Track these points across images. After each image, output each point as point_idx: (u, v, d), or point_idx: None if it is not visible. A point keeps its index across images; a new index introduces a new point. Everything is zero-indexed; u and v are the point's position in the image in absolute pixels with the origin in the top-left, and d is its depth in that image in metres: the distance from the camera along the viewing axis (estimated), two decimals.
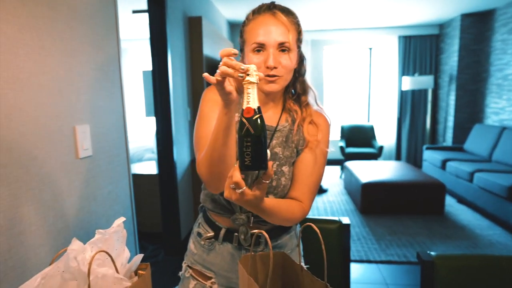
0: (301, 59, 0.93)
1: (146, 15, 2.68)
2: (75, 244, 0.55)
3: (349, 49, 6.33)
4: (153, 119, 2.88)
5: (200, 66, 3.26)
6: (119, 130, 1.54)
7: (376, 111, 6.37)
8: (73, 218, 1.21)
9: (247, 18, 0.88)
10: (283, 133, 0.94)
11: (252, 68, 0.59)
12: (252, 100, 0.59)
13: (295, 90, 0.97)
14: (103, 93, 1.41)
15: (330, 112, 0.94)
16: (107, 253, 0.57)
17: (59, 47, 1.14)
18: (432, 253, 1.07)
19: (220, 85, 0.62)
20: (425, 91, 5.86)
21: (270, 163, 0.63)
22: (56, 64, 1.13)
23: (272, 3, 0.87)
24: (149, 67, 2.82)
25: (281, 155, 0.91)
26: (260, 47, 0.82)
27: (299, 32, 0.89)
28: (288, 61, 0.84)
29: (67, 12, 1.19)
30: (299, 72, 0.95)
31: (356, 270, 2.63)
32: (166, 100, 2.72)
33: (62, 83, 1.15)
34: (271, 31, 0.82)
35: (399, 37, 5.87)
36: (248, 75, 0.59)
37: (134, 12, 3.36)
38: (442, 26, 5.75)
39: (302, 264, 0.76)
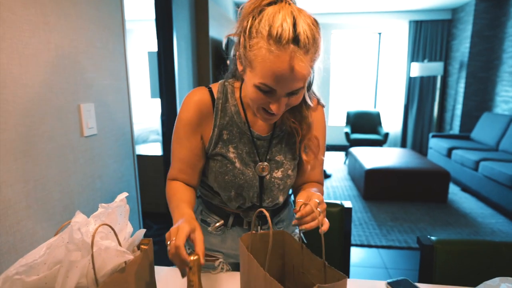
0: (309, 83, 0.82)
1: None
2: (79, 216, 0.56)
3: (357, 34, 6.21)
4: (158, 101, 2.87)
5: (206, 48, 3.23)
6: (124, 110, 1.54)
7: (383, 98, 6.30)
8: (78, 195, 1.23)
9: (261, 35, 0.66)
10: (282, 140, 0.91)
11: (196, 262, 0.62)
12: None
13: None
14: (108, 72, 1.41)
15: (336, 98, 0.88)
16: (110, 226, 0.58)
17: (64, 24, 1.13)
18: (433, 237, 1.07)
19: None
20: (434, 78, 5.76)
21: None
22: (61, 41, 1.12)
23: (296, 35, 0.65)
24: (154, 48, 2.80)
25: (284, 161, 0.90)
26: (269, 90, 0.70)
27: (317, 56, 0.74)
28: (295, 101, 0.75)
29: None
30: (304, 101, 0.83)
31: (356, 254, 2.66)
32: (171, 81, 2.71)
33: (66, 60, 1.15)
34: (287, 81, 0.68)
35: (410, 21, 5.73)
36: (190, 268, 0.62)
37: None
38: (455, 11, 5.59)
39: (301, 234, 0.77)
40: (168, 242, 0.64)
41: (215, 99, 0.86)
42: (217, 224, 0.96)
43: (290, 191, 1.05)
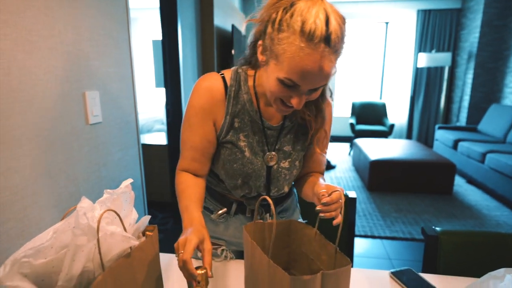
0: (324, 92, 0.84)
1: None
2: (85, 202, 0.57)
3: (364, 23, 6.13)
4: (162, 90, 2.87)
5: (211, 37, 3.21)
6: (128, 98, 1.54)
7: (389, 88, 6.24)
8: (84, 182, 1.24)
9: (292, 30, 0.64)
10: (291, 130, 0.90)
11: (203, 276, 0.61)
12: None
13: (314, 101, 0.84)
14: (112, 60, 1.40)
15: (342, 88, 0.85)
16: (115, 212, 0.58)
17: (67, 10, 1.13)
18: (437, 228, 1.08)
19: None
20: (441, 69, 5.69)
21: None
22: (64, 27, 1.12)
23: (328, 34, 0.63)
24: (159, 36, 2.79)
25: (292, 151, 0.90)
26: (292, 85, 0.70)
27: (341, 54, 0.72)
28: (315, 95, 0.75)
29: None
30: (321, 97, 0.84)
31: (360, 244, 2.67)
32: (176, 71, 2.70)
33: (70, 47, 1.15)
34: (314, 79, 0.68)
35: (418, 11, 5.64)
36: (199, 282, 0.61)
37: None
38: (464, 0, 5.49)
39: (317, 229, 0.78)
40: (176, 255, 0.64)
41: (227, 86, 0.84)
42: (220, 211, 0.96)
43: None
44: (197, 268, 0.59)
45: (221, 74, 0.85)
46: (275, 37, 0.67)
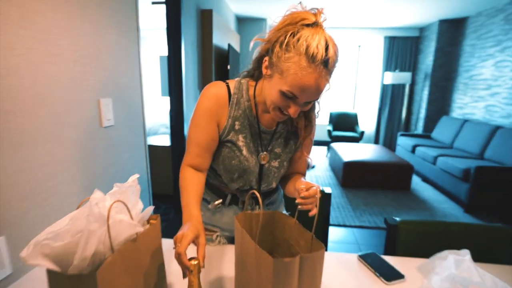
0: (314, 107, 0.86)
1: (164, 6, 2.60)
2: (97, 193, 0.56)
3: (340, 46, 6.16)
4: (167, 99, 2.85)
5: (209, 54, 3.20)
6: (137, 105, 1.53)
7: (360, 101, 6.31)
8: (98, 177, 1.22)
9: (298, 52, 0.67)
10: (282, 135, 0.90)
11: (196, 266, 0.59)
12: None
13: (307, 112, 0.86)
14: (124, 72, 1.39)
15: (321, 100, 0.87)
16: (123, 202, 0.58)
17: (88, 29, 1.12)
18: (397, 218, 1.10)
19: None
20: (403, 86, 5.79)
21: None
22: (85, 43, 1.11)
23: (326, 58, 0.68)
24: (165, 53, 2.77)
25: (282, 153, 0.91)
26: (292, 97, 0.71)
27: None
28: (308, 107, 0.77)
29: None
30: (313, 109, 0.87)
31: (334, 233, 2.69)
32: (179, 82, 2.69)
33: (89, 60, 1.14)
34: (310, 93, 0.70)
35: (385, 37, 5.74)
36: (191, 271, 0.59)
37: (154, 3, 3.26)
38: (422, 29, 5.61)
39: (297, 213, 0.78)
40: (173, 247, 0.64)
41: (231, 94, 0.85)
42: (216, 202, 0.96)
43: None
44: (191, 259, 0.59)
45: (226, 83, 0.86)
46: (282, 56, 0.69)
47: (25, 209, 0.87)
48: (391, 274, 0.85)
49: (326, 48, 0.67)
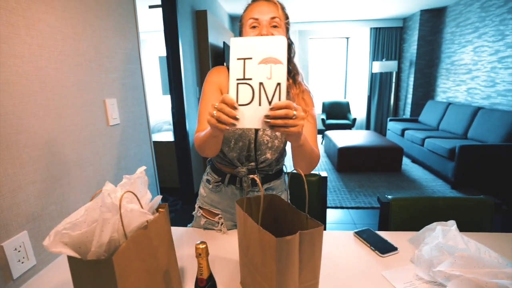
0: (289, 43, 0.89)
1: (160, 9, 2.56)
2: (108, 185, 0.57)
3: (330, 38, 6.14)
4: (168, 97, 2.84)
5: (206, 52, 3.17)
6: (140, 103, 1.53)
7: (351, 90, 6.30)
8: (107, 173, 1.23)
9: (246, 7, 0.87)
10: None
11: (204, 250, 0.57)
12: (204, 271, 0.58)
13: (290, 72, 0.93)
14: (126, 73, 1.38)
15: (314, 91, 0.88)
16: (133, 193, 0.59)
17: (89, 34, 1.11)
18: (389, 196, 1.11)
19: (215, 126, 0.60)
20: (390, 74, 5.77)
21: None
22: (88, 48, 1.10)
23: None
24: (164, 53, 2.74)
25: None
26: (255, 23, 0.81)
27: (286, 17, 0.86)
28: (278, 33, 0.82)
29: (95, 5, 1.14)
30: (289, 55, 0.91)
31: (331, 214, 2.72)
32: (179, 81, 2.67)
33: (92, 63, 1.13)
34: (263, 9, 0.81)
35: (371, 28, 5.69)
36: (200, 254, 0.56)
37: (151, 7, 3.21)
38: (405, 20, 5.56)
39: (289, 201, 0.79)
40: (214, 112, 0.59)
41: (229, 69, 0.89)
42: (216, 180, 0.98)
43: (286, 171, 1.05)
44: (199, 243, 0.58)
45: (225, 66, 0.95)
46: (241, 19, 0.87)
47: (43, 205, 0.88)
48: (385, 247, 0.87)
49: None
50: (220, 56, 3.56)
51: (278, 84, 0.59)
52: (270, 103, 0.59)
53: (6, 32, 0.77)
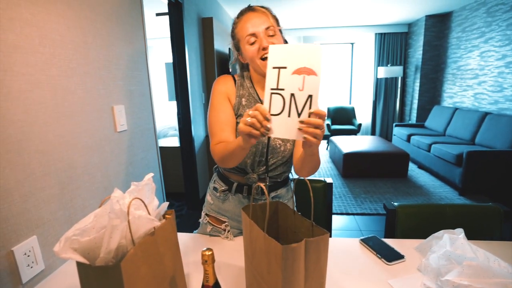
0: (285, 42, 0.90)
1: (167, 17, 2.61)
2: (117, 192, 0.58)
3: (335, 44, 6.16)
4: (174, 103, 2.87)
5: (212, 59, 3.21)
6: (147, 110, 1.55)
7: (356, 95, 6.28)
8: (115, 178, 1.24)
9: (234, 23, 0.88)
10: None
11: (210, 256, 0.55)
12: (210, 278, 0.57)
13: None
14: (134, 79, 1.41)
15: (319, 96, 0.86)
16: (141, 199, 0.59)
17: (99, 42, 1.13)
18: (395, 203, 1.10)
19: (248, 135, 0.63)
20: (395, 79, 5.75)
21: None
22: (97, 56, 1.12)
23: (249, 5, 0.88)
24: (170, 60, 2.78)
25: None
26: (253, 37, 0.82)
27: (277, 20, 0.88)
28: (277, 41, 0.84)
29: (104, 14, 1.17)
30: None
31: (337, 221, 2.70)
32: (185, 87, 2.70)
33: (102, 71, 1.15)
34: (255, 22, 0.82)
35: (376, 34, 5.69)
36: (206, 261, 0.55)
37: (158, 15, 3.27)
38: (410, 25, 5.55)
39: (295, 209, 0.79)
40: (249, 119, 0.61)
41: (235, 79, 0.95)
42: (223, 188, 0.98)
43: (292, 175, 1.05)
44: (205, 250, 0.58)
45: (230, 74, 0.98)
46: (235, 37, 0.89)
47: (52, 210, 0.89)
48: (391, 255, 0.86)
49: (248, 5, 0.87)
50: (226, 62, 3.60)
51: (310, 96, 0.59)
52: (299, 115, 0.59)
53: (20, 43, 0.79)
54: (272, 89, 0.60)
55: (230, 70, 3.48)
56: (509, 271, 0.67)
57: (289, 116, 0.60)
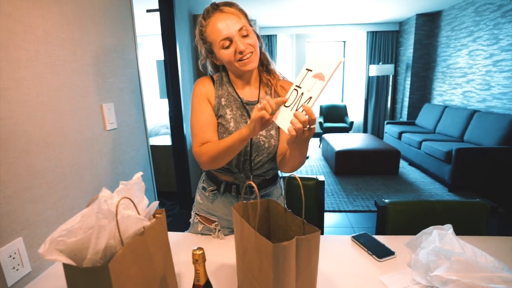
0: (257, 36, 0.89)
1: (158, 13, 2.57)
2: (105, 192, 0.57)
3: (327, 42, 6.19)
4: (166, 101, 2.84)
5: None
6: (138, 107, 1.52)
7: (348, 93, 6.33)
8: (105, 178, 1.22)
9: (201, 25, 0.85)
10: None
11: (201, 256, 0.55)
12: (201, 277, 0.57)
13: (262, 63, 0.95)
14: (124, 77, 1.38)
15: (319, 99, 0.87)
16: (129, 199, 0.58)
17: (86, 39, 1.11)
18: (386, 200, 1.11)
19: (261, 120, 0.69)
20: (387, 77, 5.82)
21: None
22: (85, 53, 1.10)
23: (214, 3, 0.84)
24: (161, 57, 2.75)
25: None
26: (227, 41, 0.81)
27: (246, 15, 0.86)
28: (252, 40, 0.83)
29: (92, 10, 1.14)
30: (260, 47, 0.91)
31: (329, 218, 2.73)
32: (176, 84, 2.68)
33: (89, 68, 1.13)
34: (228, 25, 0.80)
35: (367, 32, 5.74)
36: (197, 260, 0.55)
37: (148, 11, 3.22)
38: (401, 24, 5.62)
39: (285, 207, 0.78)
40: (260, 105, 0.68)
41: (214, 80, 0.95)
42: (211, 188, 0.98)
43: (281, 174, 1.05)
44: (196, 249, 0.58)
45: (209, 75, 0.99)
46: (202, 44, 0.89)
47: (38, 211, 0.87)
48: (382, 252, 0.87)
49: (213, 4, 0.84)
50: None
51: (310, 97, 0.65)
52: (296, 111, 0.67)
53: (3, 38, 0.77)
54: (296, 85, 0.69)
55: (201, 69, 3.46)
56: (495, 265, 0.68)
57: (291, 110, 0.68)
